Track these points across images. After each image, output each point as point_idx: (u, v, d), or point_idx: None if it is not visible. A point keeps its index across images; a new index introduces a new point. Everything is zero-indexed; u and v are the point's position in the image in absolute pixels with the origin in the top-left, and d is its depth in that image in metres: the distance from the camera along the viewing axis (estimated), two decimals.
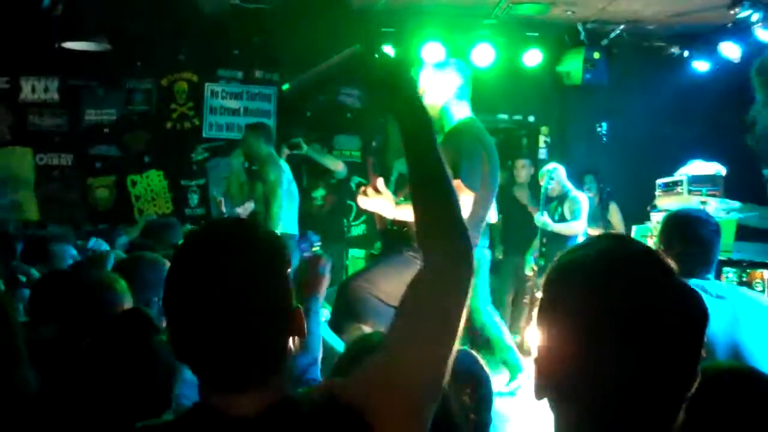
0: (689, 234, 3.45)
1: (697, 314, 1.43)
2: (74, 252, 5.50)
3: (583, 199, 7.85)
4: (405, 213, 4.37)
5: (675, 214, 3.76)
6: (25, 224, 8.95)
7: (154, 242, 5.19)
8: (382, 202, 4.32)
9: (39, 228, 8.84)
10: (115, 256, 4.63)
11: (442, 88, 4.62)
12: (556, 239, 7.64)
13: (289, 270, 1.67)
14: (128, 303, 2.87)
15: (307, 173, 8.37)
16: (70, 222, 8.75)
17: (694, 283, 3.13)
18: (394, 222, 4.63)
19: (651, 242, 6.11)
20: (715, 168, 6.69)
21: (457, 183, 4.27)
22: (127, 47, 8.72)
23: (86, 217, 9.07)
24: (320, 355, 2.93)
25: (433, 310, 1.66)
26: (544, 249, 7.68)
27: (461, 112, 4.65)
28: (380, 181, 4.32)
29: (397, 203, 4.34)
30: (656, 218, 6.46)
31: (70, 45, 7.77)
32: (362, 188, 4.39)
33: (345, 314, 4.49)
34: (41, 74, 9.15)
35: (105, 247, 6.58)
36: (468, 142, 4.47)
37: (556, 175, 7.82)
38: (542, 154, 9.65)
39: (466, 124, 4.60)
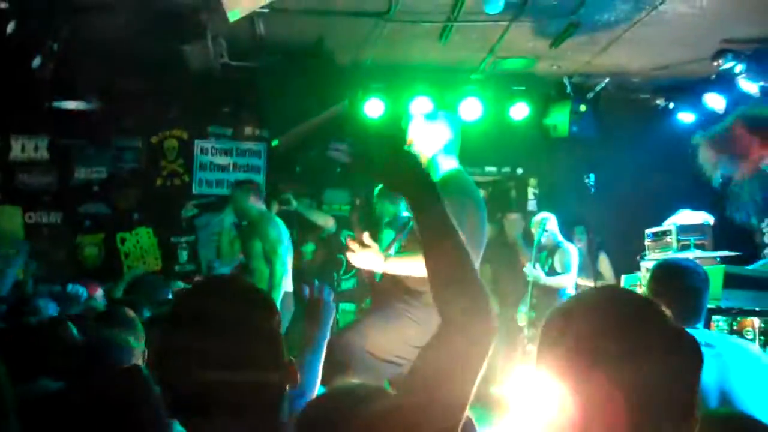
0: (677, 283, 3.46)
1: (694, 355, 1.45)
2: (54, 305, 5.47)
3: (573, 252, 7.88)
4: (394, 267, 4.34)
5: (663, 264, 3.78)
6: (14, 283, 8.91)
7: (141, 298, 5.16)
8: (371, 256, 4.28)
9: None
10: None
11: (431, 140, 4.59)
12: (547, 291, 7.67)
13: (279, 324, 1.67)
14: (134, 359, 2.87)
15: (298, 228, 8.37)
16: (59, 280, 8.70)
17: None
18: (383, 276, 4.60)
19: (640, 291, 6.12)
20: (703, 217, 6.73)
21: None
22: (117, 106, 8.79)
23: (75, 275, 9.02)
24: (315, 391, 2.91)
25: (453, 363, 1.67)
26: (534, 301, 7.68)
27: (448, 164, 4.62)
28: (366, 235, 4.30)
29: (386, 256, 4.31)
30: (646, 267, 6.48)
31: (60, 104, 7.81)
32: (349, 243, 4.34)
33: (334, 368, 4.44)
34: (31, 133, 9.19)
35: (83, 291, 6.57)
36: (454, 194, 4.44)
37: (549, 225, 7.86)
38: (531, 205, 9.70)
39: (452, 176, 4.56)
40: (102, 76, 8.05)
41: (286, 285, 6.91)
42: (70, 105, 7.97)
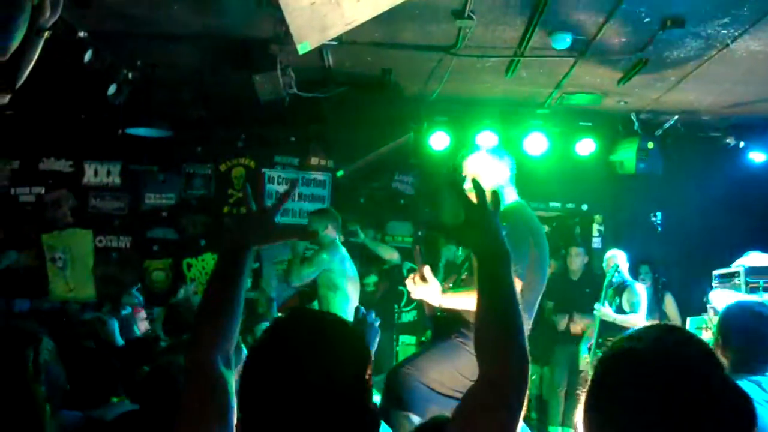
0: (747, 329, 3.38)
1: (746, 414, 1.42)
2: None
3: (642, 291, 7.74)
4: (450, 302, 4.36)
5: (733, 308, 3.68)
6: (82, 305, 9.13)
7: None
8: (429, 290, 4.33)
9: (96, 308, 9.01)
10: None
11: (494, 174, 4.63)
12: (614, 331, 7.55)
13: (370, 371, 1.69)
14: None
15: (360, 259, 8.41)
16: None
17: (749, 377, 3.08)
18: (442, 308, 4.61)
19: (706, 334, 6.00)
20: None
21: None
22: (188, 133, 8.99)
23: (143, 299, 9.21)
24: None
25: (488, 420, 1.72)
26: (601, 340, 7.57)
27: (510, 196, 4.66)
28: (427, 270, 4.32)
29: (443, 292, 4.34)
30: (713, 309, 6.35)
31: (133, 131, 8.02)
32: (411, 276, 4.40)
33: (394, 402, 4.44)
34: (104, 159, 9.46)
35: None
36: (517, 225, 4.45)
37: (621, 264, 7.78)
38: (596, 243, 9.59)
39: (514, 208, 4.59)
40: (174, 104, 8.25)
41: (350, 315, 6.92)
42: (142, 132, 8.16)
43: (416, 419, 4.30)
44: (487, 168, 4.65)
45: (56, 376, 3.34)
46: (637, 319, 7.56)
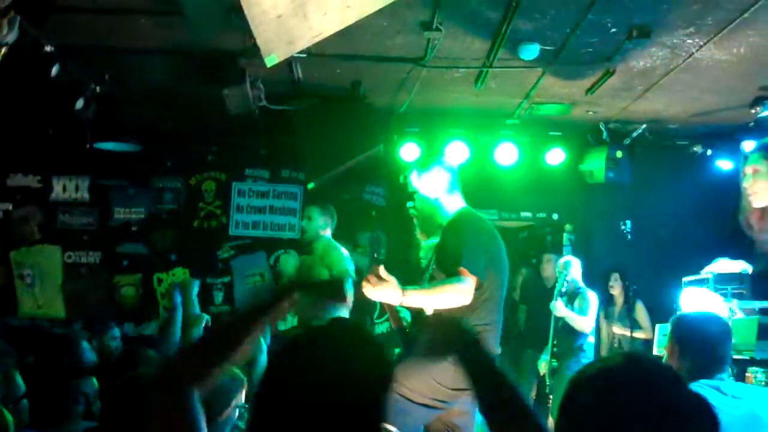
0: (705, 335, 3.45)
1: (709, 421, 1.46)
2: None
3: (592, 297, 7.95)
4: (412, 300, 4.33)
5: (682, 317, 3.74)
6: (50, 322, 9.03)
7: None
8: (388, 289, 4.26)
9: (66, 325, 8.91)
10: None
11: (432, 187, 4.72)
12: (566, 338, 7.70)
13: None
14: None
15: None
16: (96, 320, 8.79)
17: (707, 383, 3.15)
18: (413, 323, 4.62)
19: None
20: (741, 266, 6.63)
21: (461, 270, 4.27)
22: (157, 147, 8.94)
23: (112, 314, 9.11)
24: None
25: None
26: (556, 350, 7.71)
27: (454, 204, 4.72)
28: (382, 269, 4.29)
29: (403, 288, 4.29)
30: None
31: (101, 146, 7.96)
32: (367, 276, 4.33)
33: None
34: (72, 173, 9.37)
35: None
36: (467, 230, 4.53)
37: (572, 271, 7.90)
38: (566, 251, 9.63)
39: (462, 214, 4.68)
40: (142, 118, 8.21)
41: None
42: (111, 146, 8.11)
43: (394, 430, 4.29)
44: (423, 183, 4.74)
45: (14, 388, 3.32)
46: (585, 322, 7.77)
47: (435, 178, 4.75)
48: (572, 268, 7.98)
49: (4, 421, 2.98)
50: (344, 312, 6.75)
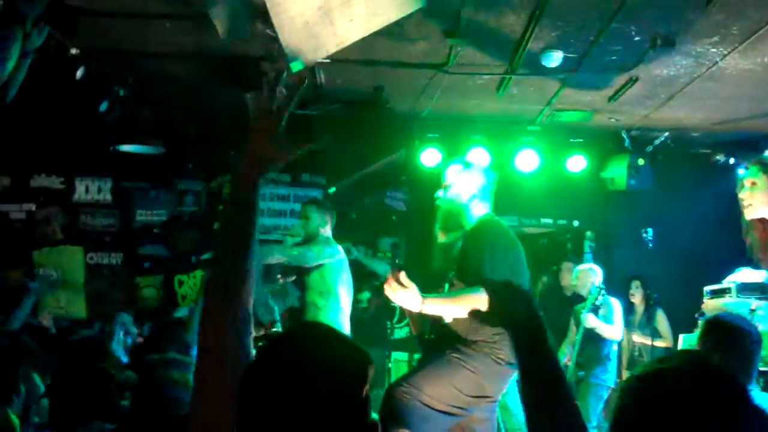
0: (730, 344, 3.37)
1: None
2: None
3: (616, 305, 7.89)
4: (432, 308, 4.32)
5: (716, 322, 3.65)
6: (73, 322, 9.08)
7: (168, 341, 5.16)
8: (408, 295, 4.25)
9: (87, 326, 8.96)
10: None
11: (466, 186, 4.71)
12: (591, 347, 7.66)
13: (368, 387, 1.67)
14: None
15: (353, 275, 8.39)
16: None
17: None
18: (433, 330, 4.62)
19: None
20: (764, 275, 6.58)
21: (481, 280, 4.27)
22: (180, 150, 8.98)
23: (133, 316, 9.16)
24: None
25: None
26: (579, 359, 7.66)
27: (480, 211, 4.71)
28: (403, 274, 4.28)
29: (423, 296, 4.28)
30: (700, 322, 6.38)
31: (124, 148, 8.01)
32: (388, 279, 4.31)
33: (391, 421, 4.43)
34: (95, 175, 9.43)
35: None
36: (489, 238, 4.52)
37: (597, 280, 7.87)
38: (587, 258, 9.61)
39: (485, 220, 4.67)
40: (165, 120, 8.25)
41: (343, 327, 6.82)
42: (134, 148, 8.15)
43: None
44: (458, 179, 4.74)
45: (33, 389, 3.35)
46: (614, 331, 7.75)
47: (473, 178, 4.75)
48: (596, 279, 7.94)
49: (10, 424, 3.01)
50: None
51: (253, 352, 1.86)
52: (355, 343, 1.76)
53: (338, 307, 6.78)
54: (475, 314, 4.24)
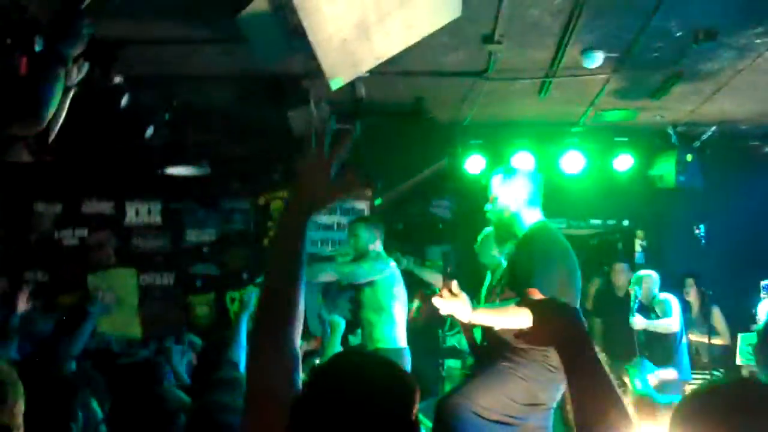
0: None
1: None
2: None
3: (672, 299, 7.88)
4: (482, 318, 4.30)
5: None
6: (129, 343, 9.21)
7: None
8: (459, 305, 4.22)
9: (142, 346, 9.07)
10: None
11: (513, 196, 4.65)
12: (657, 346, 7.56)
13: (416, 409, 1.67)
14: None
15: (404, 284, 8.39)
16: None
17: None
18: (485, 337, 4.59)
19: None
20: None
21: (532, 291, 4.21)
22: (225, 169, 9.08)
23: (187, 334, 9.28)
24: None
25: None
26: (647, 354, 7.54)
27: (532, 217, 4.64)
28: (455, 284, 4.26)
29: (473, 307, 4.26)
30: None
31: (171, 170, 8.13)
32: (440, 290, 4.30)
33: None
34: (144, 198, 9.58)
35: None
36: (540, 247, 4.46)
37: (645, 285, 7.83)
38: (639, 258, 9.49)
39: (538, 229, 4.59)
40: (210, 141, 8.35)
41: (399, 340, 6.85)
42: (181, 170, 8.27)
43: None
44: (504, 189, 4.68)
45: (92, 416, 3.39)
46: (670, 322, 7.75)
47: (518, 186, 4.69)
48: (645, 284, 7.90)
49: None
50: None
51: (300, 381, 1.87)
52: (399, 367, 1.76)
53: (393, 322, 6.80)
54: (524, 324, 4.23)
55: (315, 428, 1.60)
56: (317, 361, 5.60)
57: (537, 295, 4.18)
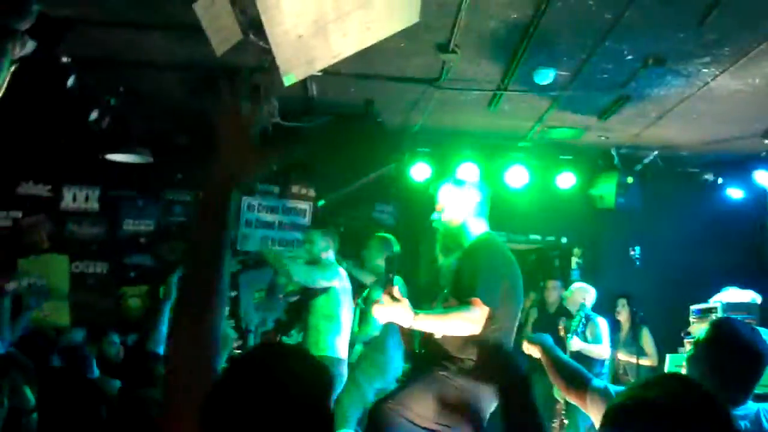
0: (743, 351, 2.87)
1: None
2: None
3: (602, 324, 7.93)
4: (423, 324, 4.29)
5: (728, 322, 3.12)
6: (56, 330, 9.00)
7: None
8: (399, 310, 4.18)
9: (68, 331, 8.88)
10: None
11: (461, 206, 4.66)
12: (583, 365, 7.61)
13: (330, 401, 1.66)
14: None
15: None
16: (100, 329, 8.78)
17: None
18: (422, 345, 4.58)
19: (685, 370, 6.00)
20: (751, 296, 6.62)
21: (474, 300, 4.23)
22: (168, 160, 8.93)
23: (116, 325, 9.10)
24: None
25: None
26: None
27: (478, 228, 4.66)
28: (396, 289, 4.25)
29: (415, 312, 4.25)
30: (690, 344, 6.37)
31: (113, 157, 7.97)
32: (381, 295, 4.27)
33: None
34: (83, 184, 9.37)
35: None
36: (485, 257, 4.47)
37: (588, 300, 7.89)
38: (574, 275, 9.61)
39: (484, 240, 4.61)
40: (154, 130, 8.22)
41: (339, 351, 6.91)
42: (122, 158, 8.11)
43: None
44: (451, 199, 4.68)
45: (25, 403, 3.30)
46: (602, 350, 7.79)
47: (466, 196, 4.70)
48: (576, 293, 7.98)
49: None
50: None
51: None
52: (315, 358, 1.74)
53: (339, 331, 6.86)
54: (466, 336, 4.24)
55: (228, 415, 1.58)
56: None
57: (479, 304, 4.19)
